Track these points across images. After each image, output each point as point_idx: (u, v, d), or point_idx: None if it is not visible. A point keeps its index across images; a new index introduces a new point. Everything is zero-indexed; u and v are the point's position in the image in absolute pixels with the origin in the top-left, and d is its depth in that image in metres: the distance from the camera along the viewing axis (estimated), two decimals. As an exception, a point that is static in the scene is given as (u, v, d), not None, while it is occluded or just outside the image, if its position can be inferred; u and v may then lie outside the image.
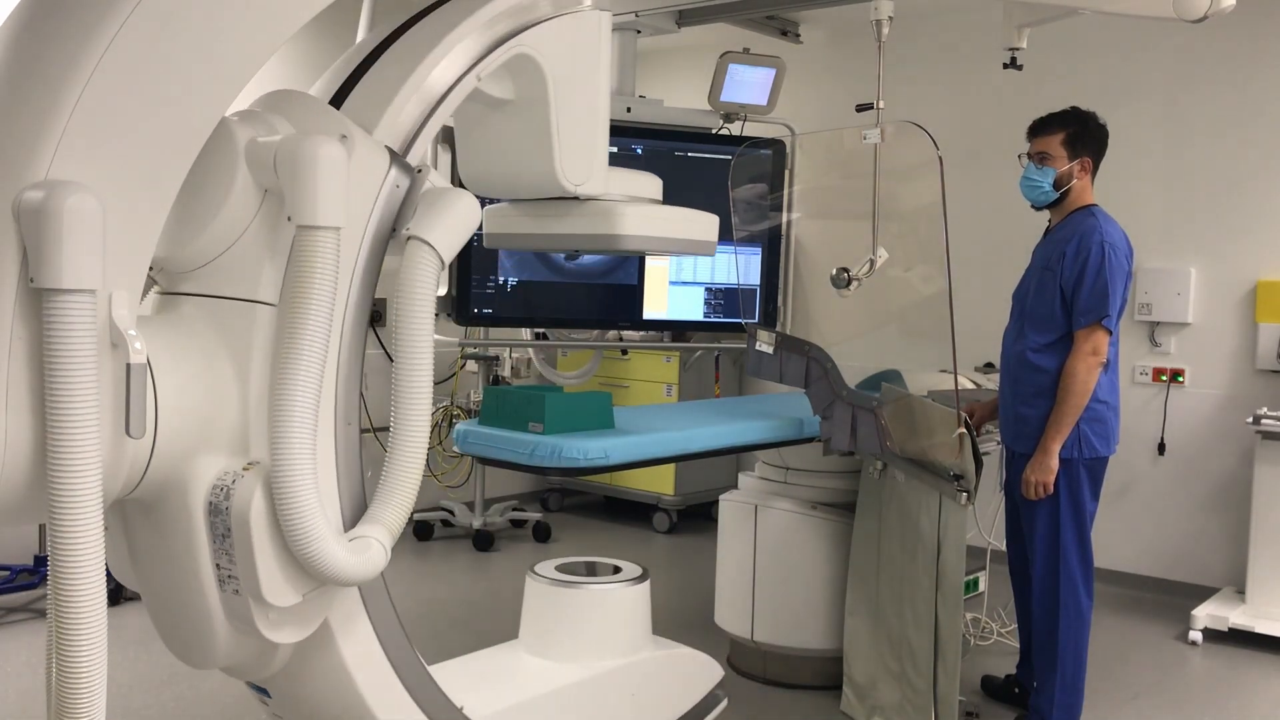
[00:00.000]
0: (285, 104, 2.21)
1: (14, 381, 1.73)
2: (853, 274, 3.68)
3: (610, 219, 2.64)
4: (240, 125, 2.08)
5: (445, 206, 2.20)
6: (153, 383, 1.93)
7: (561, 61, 2.47)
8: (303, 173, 1.98)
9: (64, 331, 1.70)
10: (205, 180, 2.02)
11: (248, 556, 2.01)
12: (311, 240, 1.98)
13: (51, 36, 1.78)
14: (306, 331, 1.96)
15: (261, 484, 2.00)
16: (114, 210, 1.76)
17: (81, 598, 1.73)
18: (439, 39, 2.30)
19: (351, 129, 2.13)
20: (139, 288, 1.88)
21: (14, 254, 1.72)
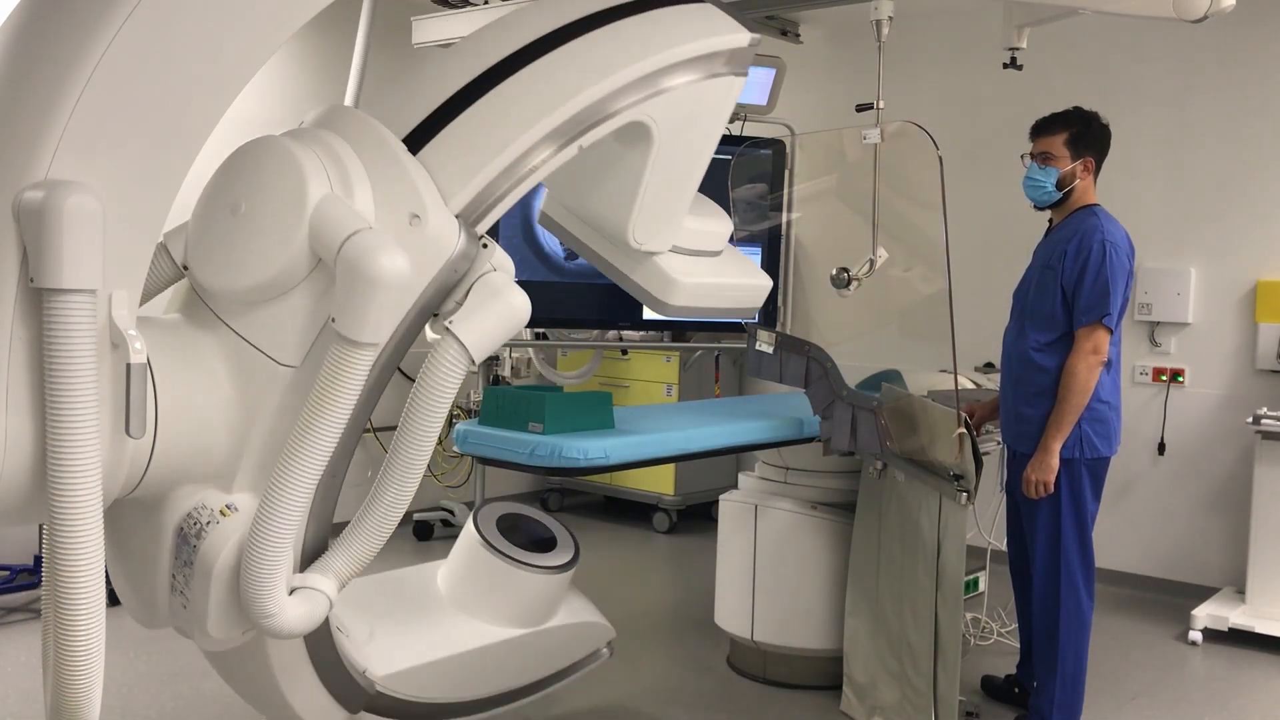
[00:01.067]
0: (359, 138, 2.07)
1: (14, 381, 1.73)
2: (853, 274, 3.68)
3: (661, 286, 2.53)
4: (312, 173, 1.97)
5: (492, 308, 2.08)
6: (153, 383, 1.92)
7: (676, 130, 2.31)
8: (359, 290, 1.89)
9: (64, 331, 1.70)
10: (266, 223, 1.96)
11: (202, 596, 2.04)
12: (350, 355, 1.93)
13: (52, 36, 1.78)
14: (322, 431, 1.94)
15: (235, 538, 2.01)
16: (114, 210, 1.76)
17: (81, 597, 1.73)
18: (553, 107, 2.11)
19: (425, 202, 2.01)
20: (139, 288, 1.88)
21: (14, 254, 1.72)
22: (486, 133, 2.11)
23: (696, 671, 4.25)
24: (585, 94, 2.14)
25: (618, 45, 2.22)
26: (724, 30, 2.34)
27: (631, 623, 4.91)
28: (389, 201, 2.03)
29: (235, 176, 2.08)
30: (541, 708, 3.89)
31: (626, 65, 2.19)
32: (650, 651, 4.54)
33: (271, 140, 2.06)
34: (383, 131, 2.09)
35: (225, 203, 2.05)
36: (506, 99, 2.13)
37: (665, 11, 2.33)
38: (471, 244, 2.08)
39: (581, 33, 2.21)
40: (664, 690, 4.08)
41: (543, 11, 2.27)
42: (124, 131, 1.79)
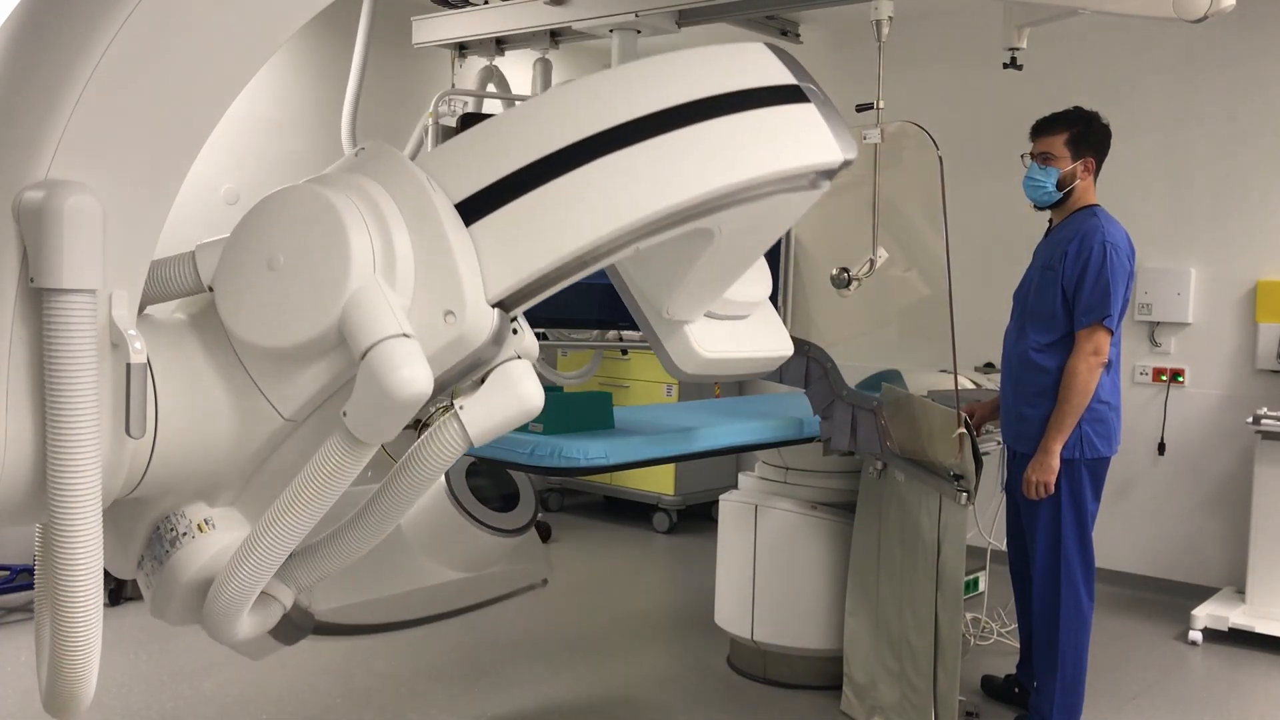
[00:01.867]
0: (411, 204, 1.94)
1: (14, 382, 1.73)
2: (853, 274, 3.68)
3: (681, 354, 2.44)
4: (359, 252, 1.87)
5: (505, 399, 2.00)
6: (153, 384, 1.92)
7: (739, 234, 2.18)
8: (376, 400, 1.83)
9: (64, 331, 1.70)
10: (301, 290, 1.89)
11: (165, 595, 2.04)
12: (355, 450, 1.89)
13: (52, 36, 1.78)
14: (310, 508, 1.92)
15: (208, 556, 2.01)
16: (114, 210, 1.76)
17: (79, 597, 1.73)
18: (631, 213, 1.96)
19: (464, 298, 1.90)
20: (139, 288, 1.88)
21: (14, 254, 1.72)
22: (551, 223, 1.97)
23: (696, 671, 4.25)
24: (668, 203, 1.98)
25: (715, 152, 2.03)
26: (825, 146, 2.15)
27: (631, 623, 4.92)
28: (429, 285, 1.93)
29: (278, 226, 1.99)
30: (541, 707, 3.89)
31: (718, 179, 2.01)
32: (650, 651, 4.54)
33: (323, 197, 1.94)
34: (436, 202, 1.95)
35: (262, 251, 1.97)
36: (581, 190, 1.98)
37: (772, 115, 2.13)
38: (503, 332, 1.98)
39: (679, 125, 2.02)
40: (664, 690, 4.08)
41: (642, 84, 2.09)
42: (124, 131, 1.79)
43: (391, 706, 3.84)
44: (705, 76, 2.09)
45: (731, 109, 2.07)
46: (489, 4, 4.85)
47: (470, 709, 3.84)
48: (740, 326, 2.57)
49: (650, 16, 5.20)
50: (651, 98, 2.04)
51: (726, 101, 2.07)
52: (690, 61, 2.14)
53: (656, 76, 2.11)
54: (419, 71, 6.11)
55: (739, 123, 2.07)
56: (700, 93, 2.06)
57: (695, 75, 2.09)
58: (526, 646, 4.49)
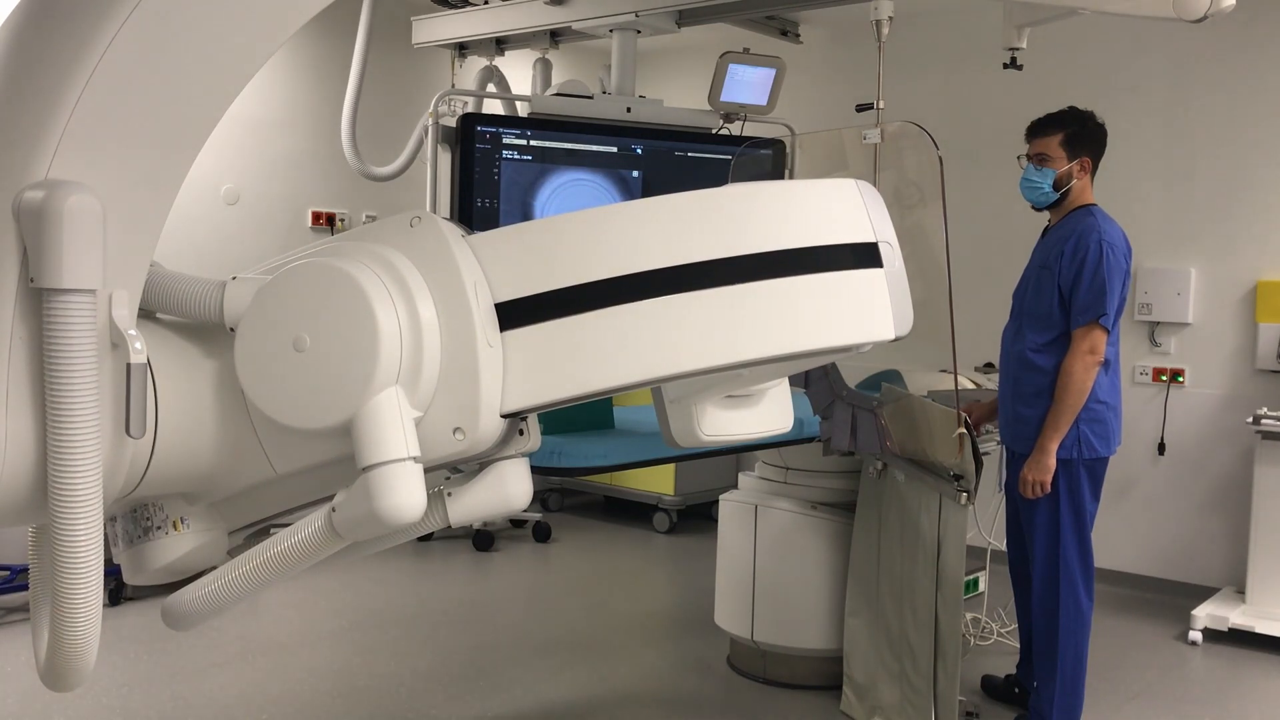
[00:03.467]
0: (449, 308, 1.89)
1: (14, 382, 1.73)
2: (853, 274, 3.67)
3: (681, 430, 2.37)
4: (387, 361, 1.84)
5: (492, 496, 2.00)
6: (154, 384, 1.92)
7: (767, 373, 2.15)
8: (367, 514, 1.83)
9: (64, 331, 1.70)
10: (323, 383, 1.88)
11: (129, 565, 2.06)
12: (327, 537, 1.90)
13: (51, 36, 1.78)
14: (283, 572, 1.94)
15: (177, 554, 2.03)
16: (114, 210, 1.76)
17: (80, 596, 1.74)
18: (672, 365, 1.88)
19: (478, 421, 1.87)
20: (139, 288, 1.88)
21: (14, 254, 1.72)
22: (588, 355, 1.91)
23: (696, 671, 4.25)
24: (712, 362, 1.90)
25: (772, 318, 1.93)
26: (883, 323, 2.03)
27: (631, 623, 4.92)
28: (447, 397, 1.90)
29: (314, 306, 1.93)
30: (541, 707, 3.89)
31: (767, 348, 1.92)
32: (650, 651, 4.54)
33: (365, 297, 1.87)
34: (475, 316, 1.89)
35: (291, 328, 1.92)
36: (627, 329, 1.90)
37: (841, 283, 1.99)
38: (510, 435, 1.95)
39: (746, 278, 1.92)
40: (664, 690, 4.08)
41: (716, 220, 1.97)
42: (124, 131, 1.79)
43: (391, 707, 3.84)
44: (787, 222, 1.98)
45: (803, 268, 1.96)
46: (489, 4, 4.85)
47: (470, 709, 3.84)
48: (748, 409, 2.49)
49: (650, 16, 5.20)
50: (726, 240, 1.93)
51: (801, 258, 1.97)
52: (775, 199, 2.03)
53: (737, 213, 1.99)
54: (419, 71, 6.11)
55: (805, 287, 1.96)
56: (778, 243, 1.95)
57: (777, 218, 1.98)
58: (526, 646, 4.49)
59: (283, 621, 4.69)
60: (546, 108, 4.42)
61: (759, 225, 1.97)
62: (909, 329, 2.04)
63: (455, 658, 4.32)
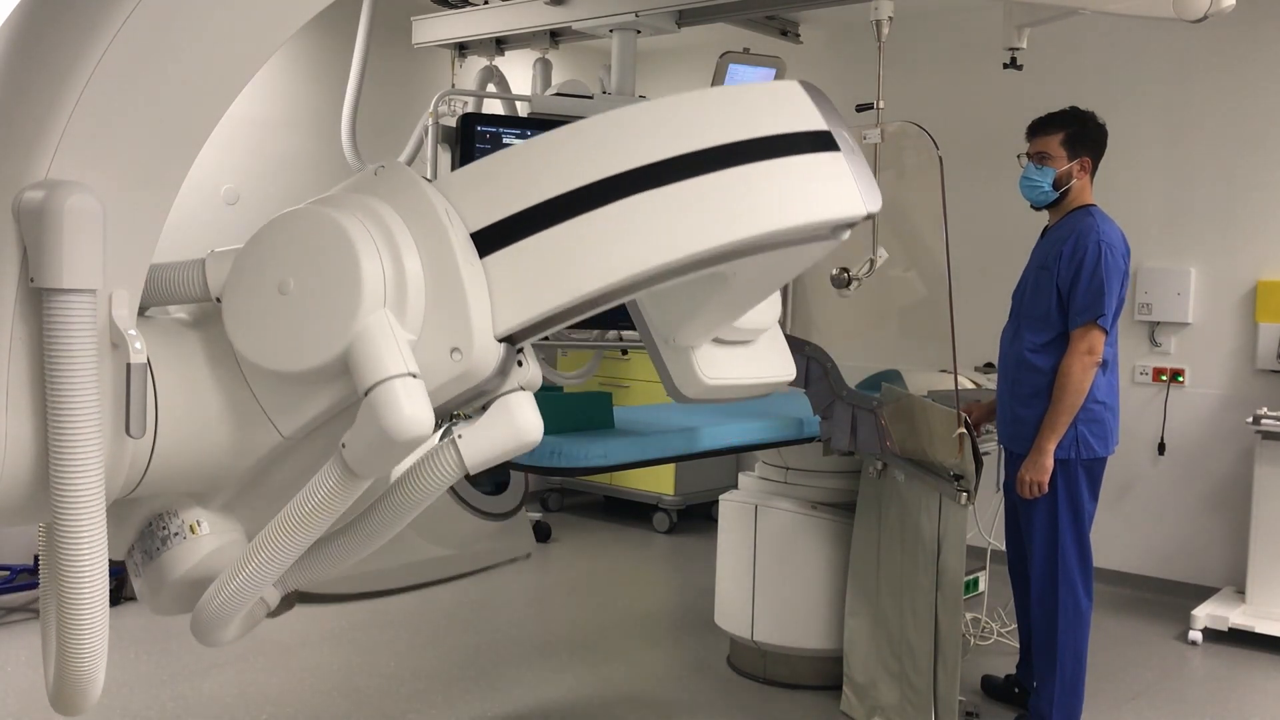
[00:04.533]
0: (427, 232, 1.92)
1: (14, 381, 1.73)
2: (853, 274, 3.68)
3: (684, 379, 2.42)
4: (370, 285, 1.86)
5: (503, 430, 1.99)
6: (154, 384, 1.93)
7: (753, 280, 2.19)
8: (376, 438, 1.83)
9: (64, 331, 1.70)
10: (310, 320, 1.89)
11: (152, 590, 2.05)
12: (348, 481, 1.90)
13: (51, 36, 1.78)
14: (304, 531, 1.92)
15: (196, 559, 2.01)
16: (114, 210, 1.76)
17: (84, 597, 1.74)
18: (652, 258, 1.92)
19: (473, 338, 1.90)
20: (139, 287, 1.88)
21: (14, 254, 1.72)
22: (567, 263, 1.94)
23: (696, 671, 4.25)
24: (687, 251, 1.95)
25: (740, 201, 1.99)
26: (849, 199, 2.11)
27: (631, 623, 4.92)
28: (438, 319, 1.92)
29: (292, 250, 1.97)
30: (541, 707, 3.89)
31: (740, 230, 1.97)
32: (650, 651, 4.54)
33: (339, 226, 1.92)
34: (451, 234, 1.93)
35: (274, 274, 1.96)
36: (602, 231, 1.94)
37: (799, 165, 2.07)
38: (508, 364, 1.97)
39: (705, 169, 1.98)
40: (664, 690, 4.08)
41: (670, 123, 2.05)
42: (124, 131, 1.79)
43: (391, 706, 3.84)
44: (736, 118, 2.06)
45: (760, 155, 2.03)
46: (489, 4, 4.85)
47: (470, 709, 3.84)
48: (745, 351, 2.55)
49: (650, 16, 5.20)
50: (680, 139, 2.00)
51: (756, 147, 2.03)
52: (722, 101, 2.12)
53: (687, 116, 2.07)
54: (419, 71, 6.11)
55: (766, 171, 2.02)
56: (730, 136, 2.02)
57: (726, 116, 2.06)
58: (526, 646, 4.49)
59: (283, 621, 4.67)
60: (546, 108, 4.42)
61: (714, 122, 2.03)
62: (879, 206, 2.10)
63: (455, 658, 4.32)
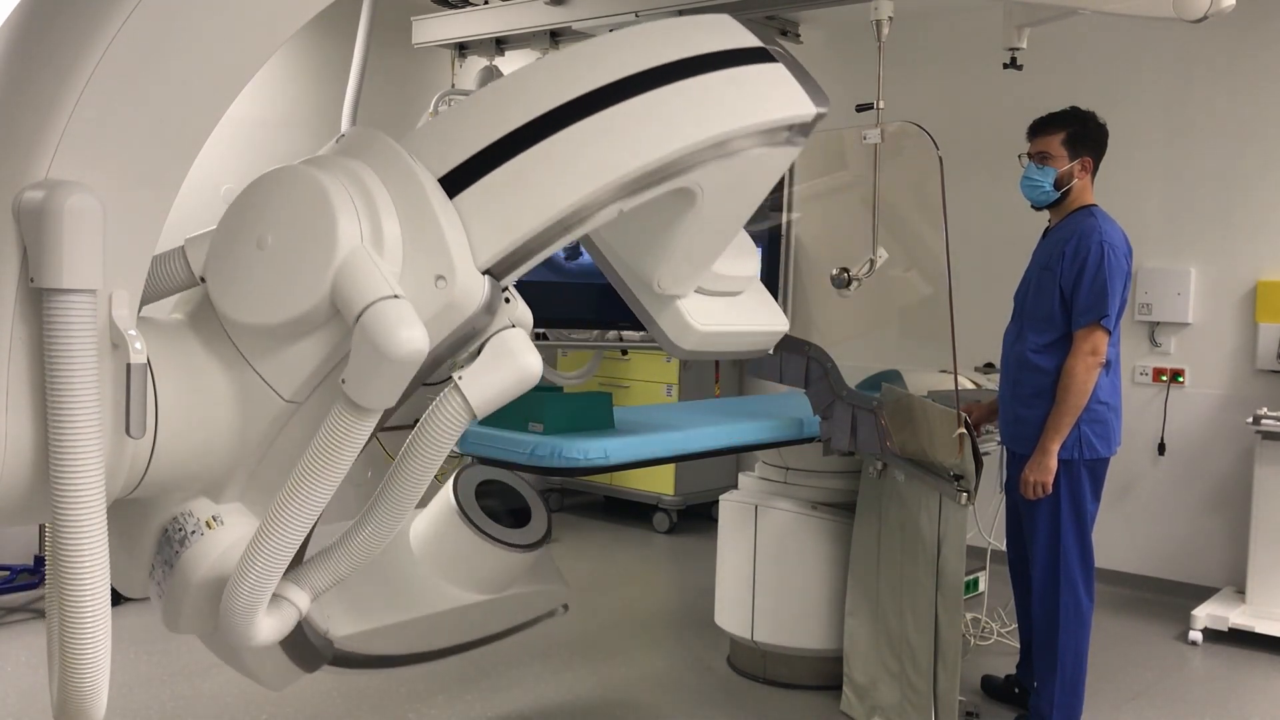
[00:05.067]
0: (395, 177, 1.99)
1: (14, 381, 1.73)
2: (853, 274, 3.68)
3: (677, 330, 2.47)
4: (345, 222, 1.91)
5: (503, 368, 2.02)
6: (153, 384, 1.92)
7: (722, 195, 2.21)
8: (373, 362, 1.85)
9: (64, 331, 1.70)
10: (291, 265, 1.92)
11: (178, 598, 2.04)
12: (354, 419, 1.90)
13: (52, 36, 1.78)
14: (320, 485, 1.91)
15: (218, 552, 2.01)
16: (114, 210, 1.76)
17: (86, 597, 1.73)
18: (610, 170, 2.01)
19: (454, 264, 1.94)
20: (139, 288, 1.88)
21: (14, 254, 1.72)
22: (534, 187, 2.01)
23: (696, 671, 4.25)
24: (647, 159, 2.03)
25: (689, 108, 2.09)
26: (798, 100, 2.23)
27: (631, 623, 4.92)
28: (417, 254, 1.96)
29: (265, 206, 2.02)
30: (541, 707, 3.89)
31: (695, 134, 2.07)
32: (650, 651, 4.54)
33: (308, 174, 1.98)
34: (419, 174, 1.99)
35: (251, 233, 2.00)
36: (560, 152, 2.02)
37: (743, 73, 2.18)
38: (495, 299, 2.01)
39: (652, 86, 2.08)
40: (664, 690, 4.08)
41: (612, 52, 2.14)
42: (124, 131, 1.79)
43: (391, 706, 3.84)
44: (676, 42, 2.16)
45: (703, 69, 2.13)
46: (489, 4, 4.85)
47: (470, 709, 3.84)
48: (734, 302, 2.61)
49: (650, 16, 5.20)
50: (626, 63, 2.10)
51: (698, 63, 2.14)
52: (660, 30, 2.22)
53: (629, 44, 2.17)
54: (419, 71, 6.11)
55: (711, 81, 2.13)
56: (672, 56, 2.12)
57: (666, 41, 2.16)
58: (526, 646, 4.49)
59: (283, 621, 4.68)
60: (546, 108, 4.41)
61: (658, 45, 2.14)
62: (828, 106, 2.24)
63: (455, 658, 4.31)
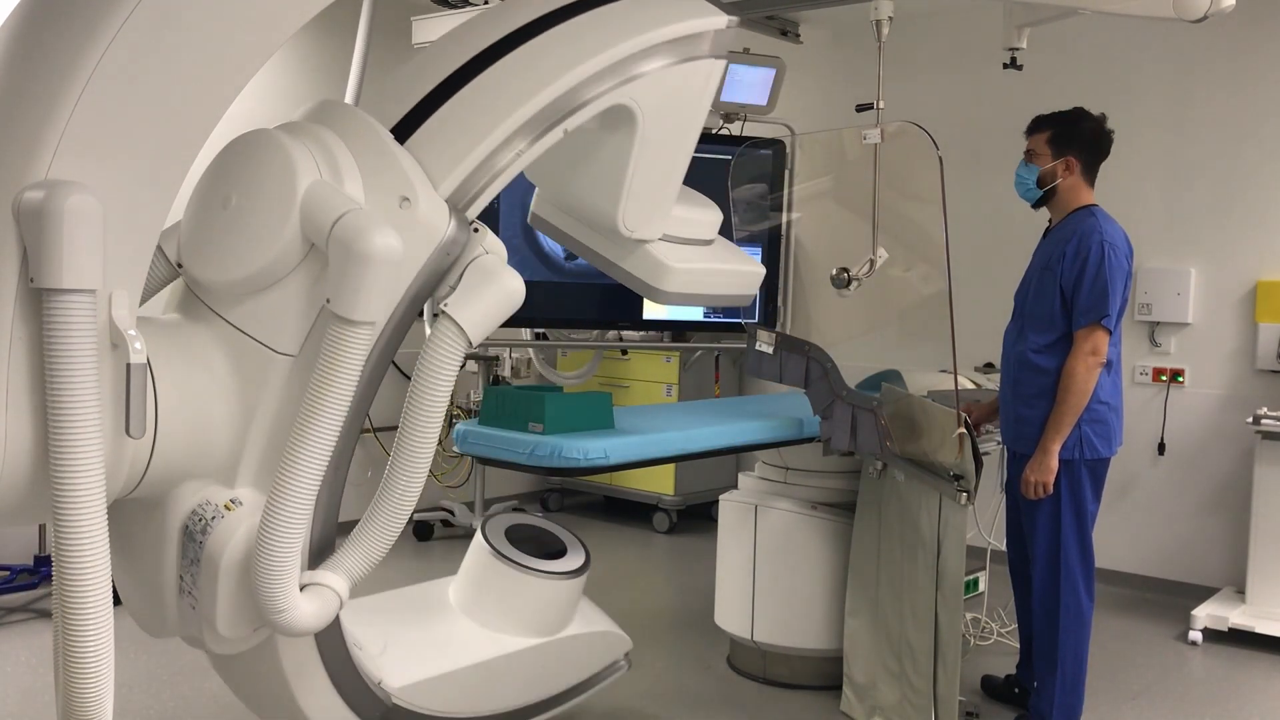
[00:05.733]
0: (347, 129, 2.11)
1: (14, 381, 1.73)
2: (853, 274, 3.68)
3: (654, 272, 2.55)
4: (301, 160, 2.00)
5: (487, 289, 2.10)
6: (153, 383, 1.93)
7: (658, 114, 2.34)
8: (353, 268, 1.91)
9: (64, 331, 1.70)
10: (257, 212, 1.98)
11: (210, 592, 2.03)
12: (347, 334, 1.93)
13: (51, 37, 1.78)
14: (326, 415, 1.93)
15: (240, 530, 2.00)
16: (114, 210, 1.76)
17: (87, 596, 1.73)
18: (532, 94, 2.15)
19: (415, 187, 2.04)
20: (139, 287, 1.88)
21: (14, 254, 1.72)
22: (470, 119, 2.14)
23: (696, 671, 4.25)
24: (565, 78, 2.18)
25: (597, 30, 2.26)
26: (701, 14, 2.39)
27: (632, 623, 4.90)
28: (379, 188, 2.06)
29: (225, 170, 2.10)
30: (541, 708, 3.89)
31: (604, 49, 2.23)
32: (650, 651, 4.54)
33: (261, 133, 2.08)
34: (370, 122, 2.12)
35: (216, 197, 2.07)
36: (489, 86, 2.17)
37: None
38: (462, 228, 2.11)
39: (564, 19, 2.25)
40: (664, 690, 4.08)
41: (529, 2, 2.30)
42: (124, 131, 1.79)
43: (391, 706, 3.83)
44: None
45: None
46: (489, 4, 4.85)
47: (470, 709, 3.83)
48: (707, 251, 2.72)
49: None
50: (544, 5, 2.27)
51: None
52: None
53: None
54: (419, 71, 6.10)
55: (626, 4, 2.32)
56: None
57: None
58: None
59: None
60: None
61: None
62: (739, 20, 2.44)
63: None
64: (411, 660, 2.64)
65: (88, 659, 1.74)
